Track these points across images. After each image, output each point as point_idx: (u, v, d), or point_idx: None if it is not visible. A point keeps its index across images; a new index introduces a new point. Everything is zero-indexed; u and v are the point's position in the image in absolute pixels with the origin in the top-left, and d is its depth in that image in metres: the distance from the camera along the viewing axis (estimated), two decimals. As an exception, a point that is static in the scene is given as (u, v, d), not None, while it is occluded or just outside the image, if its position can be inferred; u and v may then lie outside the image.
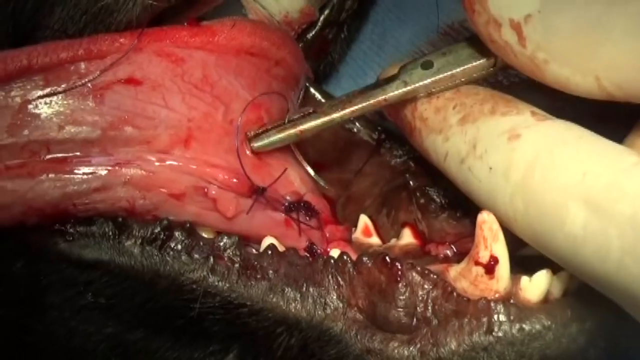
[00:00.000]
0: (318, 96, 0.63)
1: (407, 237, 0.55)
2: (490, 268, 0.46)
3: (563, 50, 0.44)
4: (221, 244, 0.49)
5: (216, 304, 0.48)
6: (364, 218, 0.56)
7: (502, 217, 0.45)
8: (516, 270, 0.47)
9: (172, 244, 0.49)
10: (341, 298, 0.48)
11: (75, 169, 0.48)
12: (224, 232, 0.50)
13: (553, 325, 0.45)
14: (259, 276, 0.49)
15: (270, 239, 0.51)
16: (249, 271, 0.49)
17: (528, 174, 0.43)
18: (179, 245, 0.49)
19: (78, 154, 0.48)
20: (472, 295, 0.47)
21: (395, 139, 0.62)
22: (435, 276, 0.47)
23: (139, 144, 0.49)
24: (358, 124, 0.63)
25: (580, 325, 0.46)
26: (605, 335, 0.46)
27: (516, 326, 0.45)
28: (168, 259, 0.49)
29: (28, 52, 0.47)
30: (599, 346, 0.47)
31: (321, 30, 0.64)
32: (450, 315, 0.47)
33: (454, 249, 0.54)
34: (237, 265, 0.49)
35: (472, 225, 0.47)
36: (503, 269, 0.46)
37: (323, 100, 0.55)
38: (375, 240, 0.56)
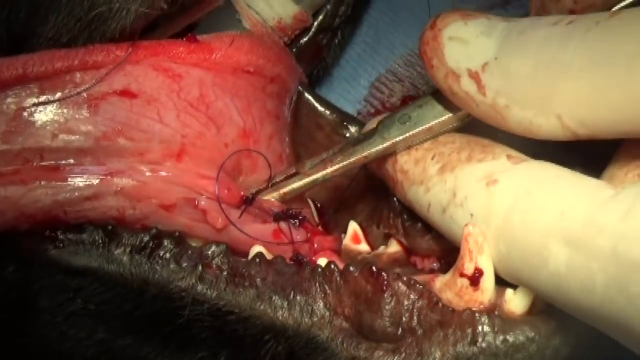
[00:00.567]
0: (312, 101, 0.63)
1: (395, 245, 0.56)
2: (475, 280, 0.46)
3: (523, 93, 0.44)
4: (209, 252, 0.50)
5: (204, 311, 0.48)
6: (353, 225, 0.57)
7: None
8: (501, 283, 0.47)
9: (161, 253, 0.49)
10: (328, 306, 0.49)
11: (67, 177, 0.48)
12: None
13: (536, 337, 0.46)
14: (246, 284, 0.49)
15: (259, 247, 0.52)
16: (237, 279, 0.49)
17: (508, 218, 0.43)
18: (168, 254, 0.49)
19: (71, 162, 0.48)
20: (457, 306, 0.47)
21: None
22: (421, 286, 0.48)
23: (132, 155, 0.49)
24: (353, 129, 0.64)
25: (563, 337, 0.46)
26: (588, 347, 0.47)
27: (500, 337, 0.46)
28: (157, 267, 0.49)
29: (24, 61, 0.48)
30: (581, 358, 0.47)
31: (315, 36, 0.64)
32: (435, 326, 0.47)
33: (440, 262, 0.54)
34: (225, 273, 0.49)
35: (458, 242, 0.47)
36: (488, 281, 0.46)
37: (305, 161, 0.55)
38: (364, 247, 0.56)
